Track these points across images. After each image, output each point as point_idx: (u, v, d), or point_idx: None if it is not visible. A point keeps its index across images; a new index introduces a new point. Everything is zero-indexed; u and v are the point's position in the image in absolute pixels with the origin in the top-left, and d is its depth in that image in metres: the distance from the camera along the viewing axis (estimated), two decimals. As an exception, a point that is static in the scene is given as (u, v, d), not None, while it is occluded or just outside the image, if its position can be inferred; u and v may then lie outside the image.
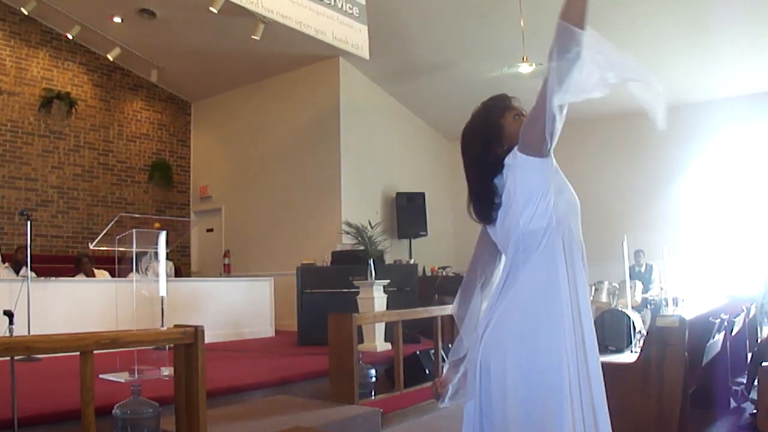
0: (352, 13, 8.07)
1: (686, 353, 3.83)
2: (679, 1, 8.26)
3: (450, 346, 3.52)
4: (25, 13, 10.30)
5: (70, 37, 10.90)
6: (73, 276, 8.83)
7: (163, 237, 5.94)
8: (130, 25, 10.74)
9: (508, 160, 2.00)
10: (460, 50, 10.09)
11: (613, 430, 1.95)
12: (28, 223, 6.76)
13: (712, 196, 10.52)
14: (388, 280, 7.96)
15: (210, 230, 12.88)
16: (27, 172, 10.86)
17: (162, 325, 5.71)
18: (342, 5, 7.95)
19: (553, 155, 1.94)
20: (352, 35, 8.03)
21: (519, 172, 1.95)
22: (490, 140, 2.05)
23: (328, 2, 7.77)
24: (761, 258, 9.20)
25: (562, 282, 1.91)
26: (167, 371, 5.41)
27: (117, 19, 10.64)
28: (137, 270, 6.09)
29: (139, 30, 10.83)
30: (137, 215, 7.40)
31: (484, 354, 1.96)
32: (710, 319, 4.63)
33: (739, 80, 9.87)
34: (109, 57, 11.35)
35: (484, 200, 2.07)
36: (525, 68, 8.80)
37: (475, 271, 2.22)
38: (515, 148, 1.97)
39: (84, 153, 11.64)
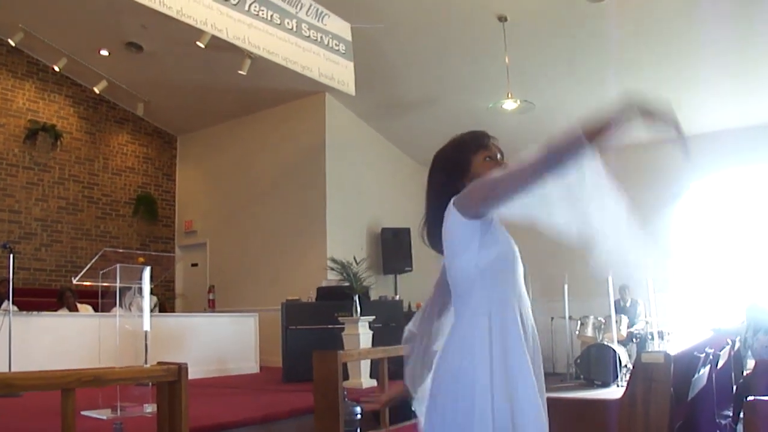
0: (338, 50, 8.17)
1: (672, 389, 3.83)
2: (666, 36, 8.35)
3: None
4: (12, 44, 10.29)
5: (56, 69, 10.90)
6: (56, 310, 8.73)
7: (147, 272, 5.90)
8: (117, 59, 10.78)
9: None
10: (445, 87, 10.19)
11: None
12: (11, 256, 6.71)
13: (696, 231, 10.58)
14: (374, 316, 7.93)
15: (195, 265, 12.79)
16: (10, 204, 10.77)
17: (145, 361, 5.64)
18: (328, 42, 8.05)
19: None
20: (338, 71, 8.12)
21: (448, 220, 1.94)
22: (453, 171, 2.04)
23: (315, 39, 7.86)
24: (743, 291, 9.26)
25: (483, 340, 1.85)
26: (150, 408, 5.33)
27: (104, 52, 10.68)
28: (121, 305, 6.04)
29: (125, 63, 10.87)
30: (121, 249, 7.37)
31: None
32: (695, 353, 4.64)
33: (728, 114, 9.96)
34: (96, 90, 11.37)
35: (436, 230, 2.05)
36: (509, 104, 8.91)
37: (434, 295, 2.28)
38: (453, 198, 1.92)
39: (69, 186, 11.58)
